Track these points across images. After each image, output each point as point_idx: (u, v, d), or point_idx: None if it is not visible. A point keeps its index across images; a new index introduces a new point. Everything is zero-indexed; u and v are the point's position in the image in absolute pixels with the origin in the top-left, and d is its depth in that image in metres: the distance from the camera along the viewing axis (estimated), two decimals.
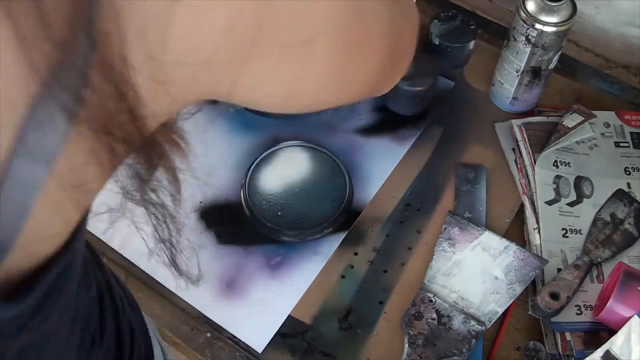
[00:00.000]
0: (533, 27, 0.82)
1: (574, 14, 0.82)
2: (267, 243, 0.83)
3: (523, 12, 0.82)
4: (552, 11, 0.81)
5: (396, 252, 0.83)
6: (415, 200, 0.87)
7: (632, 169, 0.89)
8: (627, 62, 1.03)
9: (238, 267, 0.81)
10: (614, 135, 0.92)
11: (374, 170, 0.90)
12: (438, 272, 0.79)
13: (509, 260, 0.79)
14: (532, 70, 0.87)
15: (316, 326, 0.77)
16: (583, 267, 0.78)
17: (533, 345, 0.75)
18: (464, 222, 0.83)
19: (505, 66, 0.89)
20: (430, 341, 0.74)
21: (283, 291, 0.79)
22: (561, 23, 0.81)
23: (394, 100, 0.94)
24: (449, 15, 0.98)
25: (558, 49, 0.85)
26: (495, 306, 0.77)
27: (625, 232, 0.83)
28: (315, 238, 0.83)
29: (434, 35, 0.96)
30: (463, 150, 0.92)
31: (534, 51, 0.84)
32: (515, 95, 0.91)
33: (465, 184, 0.88)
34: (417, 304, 0.77)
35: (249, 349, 0.76)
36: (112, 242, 0.83)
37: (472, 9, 1.10)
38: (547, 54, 0.85)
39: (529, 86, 0.89)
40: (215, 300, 0.79)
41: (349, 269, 0.81)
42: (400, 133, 0.93)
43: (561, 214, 0.84)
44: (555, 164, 0.87)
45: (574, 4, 0.82)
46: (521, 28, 0.83)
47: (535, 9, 0.82)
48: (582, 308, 0.77)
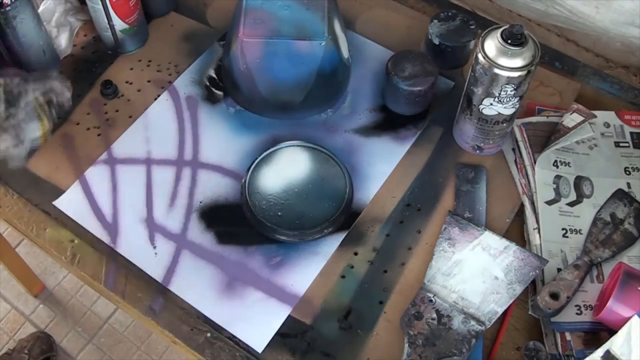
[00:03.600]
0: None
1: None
2: (267, 243, 0.83)
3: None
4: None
5: (396, 252, 0.83)
6: (415, 200, 0.87)
7: (632, 169, 0.89)
8: (627, 62, 1.03)
9: (238, 267, 0.81)
10: (614, 135, 0.92)
11: (374, 170, 0.90)
12: (438, 272, 0.79)
13: (509, 260, 0.79)
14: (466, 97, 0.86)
15: (316, 326, 0.77)
16: (583, 267, 0.78)
17: (533, 345, 0.75)
18: (464, 222, 0.83)
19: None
20: (430, 341, 0.74)
21: (283, 291, 0.79)
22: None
23: (394, 100, 0.94)
24: (449, 15, 0.98)
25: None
26: (495, 306, 0.77)
27: (625, 232, 0.83)
28: (315, 238, 0.83)
29: (434, 35, 0.96)
30: (463, 150, 0.92)
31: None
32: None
33: (465, 184, 0.88)
34: (417, 304, 0.77)
35: (249, 349, 0.76)
36: (112, 242, 0.83)
37: (472, 9, 1.10)
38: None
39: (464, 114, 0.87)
40: (215, 300, 0.79)
41: (349, 269, 0.81)
42: (400, 133, 0.93)
43: (561, 214, 0.84)
44: (555, 164, 0.87)
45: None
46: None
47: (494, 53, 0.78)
48: (582, 308, 0.77)
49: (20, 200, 0.88)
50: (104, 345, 1.67)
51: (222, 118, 0.95)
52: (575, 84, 0.99)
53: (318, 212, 0.84)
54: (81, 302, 1.74)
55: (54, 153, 0.91)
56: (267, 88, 0.91)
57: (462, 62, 1.00)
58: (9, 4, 0.85)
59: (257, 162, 0.87)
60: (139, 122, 0.94)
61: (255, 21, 0.89)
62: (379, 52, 1.01)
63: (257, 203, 0.84)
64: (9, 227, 0.93)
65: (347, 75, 0.97)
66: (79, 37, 1.04)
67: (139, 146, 0.92)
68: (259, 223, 0.83)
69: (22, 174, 0.89)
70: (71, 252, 0.83)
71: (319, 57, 0.89)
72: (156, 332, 0.80)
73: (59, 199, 0.87)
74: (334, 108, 0.96)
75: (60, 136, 0.93)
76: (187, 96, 0.97)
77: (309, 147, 0.89)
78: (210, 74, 0.99)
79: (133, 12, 0.97)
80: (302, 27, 0.89)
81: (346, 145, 0.92)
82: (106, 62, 1.01)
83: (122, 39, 1.00)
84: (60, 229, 0.85)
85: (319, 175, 0.87)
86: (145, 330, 1.68)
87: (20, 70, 0.88)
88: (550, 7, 1.03)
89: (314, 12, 0.90)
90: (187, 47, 1.03)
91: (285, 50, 0.88)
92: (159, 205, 0.86)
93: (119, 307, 0.88)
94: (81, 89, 0.98)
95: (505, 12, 1.10)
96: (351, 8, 1.07)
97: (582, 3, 1.00)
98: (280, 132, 0.93)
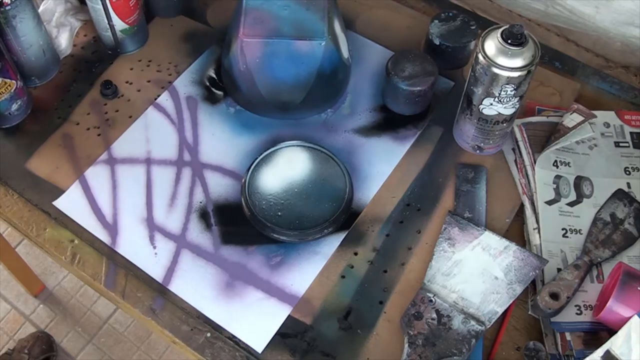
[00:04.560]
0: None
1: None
2: (267, 243, 0.83)
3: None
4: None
5: (396, 252, 0.83)
6: (415, 200, 0.87)
7: (632, 169, 0.89)
8: (627, 62, 1.03)
9: (238, 267, 0.81)
10: (614, 135, 0.92)
11: (374, 170, 0.90)
12: (438, 272, 0.79)
13: (509, 260, 0.79)
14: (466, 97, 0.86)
15: (316, 326, 0.77)
16: (583, 267, 0.78)
17: (533, 345, 0.75)
18: (464, 222, 0.83)
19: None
20: (430, 341, 0.74)
21: (283, 291, 0.79)
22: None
23: (394, 100, 0.94)
24: (450, 15, 0.98)
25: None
26: (495, 306, 0.77)
27: (625, 232, 0.83)
28: (315, 238, 0.83)
29: (434, 35, 0.96)
30: (463, 150, 0.92)
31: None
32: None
33: (465, 184, 0.88)
34: (417, 304, 0.77)
35: (249, 349, 0.76)
36: (112, 242, 0.83)
37: (472, 9, 1.10)
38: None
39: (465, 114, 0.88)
40: (215, 300, 0.79)
41: (349, 269, 0.81)
42: (400, 133, 0.93)
43: (561, 214, 0.84)
44: (555, 164, 0.87)
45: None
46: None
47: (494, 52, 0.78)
48: (582, 308, 0.77)
49: (20, 200, 0.88)
50: (104, 345, 1.67)
51: (222, 118, 0.95)
52: (575, 84, 0.99)
53: (318, 212, 0.84)
54: (81, 302, 1.74)
55: (54, 153, 0.91)
56: (267, 88, 0.91)
57: (462, 62, 1.00)
58: (9, 3, 0.85)
59: (257, 162, 0.87)
60: (139, 122, 0.94)
61: (255, 21, 0.89)
62: (379, 52, 1.01)
63: (257, 203, 0.84)
64: (9, 227, 0.93)
65: (347, 75, 0.97)
66: (79, 37, 1.04)
67: (139, 146, 0.92)
68: (259, 223, 0.83)
69: (22, 174, 0.89)
70: (71, 252, 0.83)
71: (319, 57, 0.89)
72: (156, 332, 0.80)
73: (59, 199, 0.87)
74: (334, 108, 0.96)
75: (60, 136, 0.93)
76: (187, 96, 0.97)
77: (309, 147, 0.89)
78: (210, 74, 0.99)
79: (133, 12, 0.97)
80: (302, 27, 0.89)
81: (346, 145, 0.92)
82: (106, 62, 1.01)
83: (122, 39, 1.00)
84: (60, 229, 0.85)
85: (319, 175, 0.87)
86: (145, 330, 1.68)
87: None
88: (550, 7, 1.03)
89: (313, 12, 0.90)
90: (187, 47, 1.03)
91: (285, 50, 0.88)
92: (159, 205, 0.86)
93: (119, 307, 0.88)
94: (81, 89, 0.98)
95: (505, 12, 1.09)
96: (351, 8, 1.07)
97: (582, 3, 0.99)
98: (280, 132, 0.93)
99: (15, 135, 0.94)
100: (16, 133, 0.94)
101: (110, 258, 0.82)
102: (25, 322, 1.71)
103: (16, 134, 0.94)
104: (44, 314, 1.72)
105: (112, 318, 1.71)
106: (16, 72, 0.90)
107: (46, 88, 0.98)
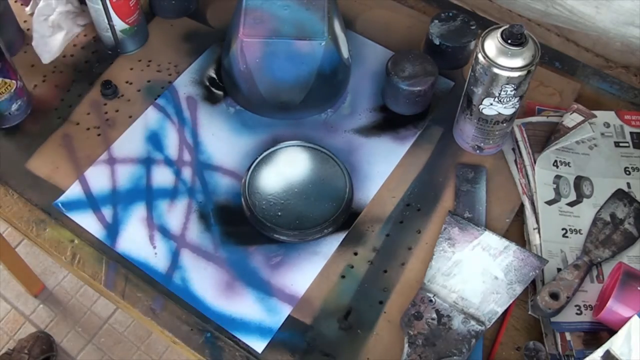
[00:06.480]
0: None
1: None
2: (267, 243, 0.83)
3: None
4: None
5: (396, 252, 0.83)
6: (415, 200, 0.87)
7: (632, 169, 0.89)
8: (627, 62, 1.03)
9: (238, 267, 0.81)
10: (614, 135, 0.92)
11: (374, 170, 0.90)
12: (438, 272, 0.79)
13: (509, 260, 0.79)
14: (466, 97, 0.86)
15: (316, 326, 0.77)
16: (583, 267, 0.78)
17: (533, 345, 0.75)
18: (464, 222, 0.83)
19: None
20: (430, 341, 0.74)
21: (283, 291, 0.79)
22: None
23: (394, 100, 0.94)
24: (450, 15, 0.98)
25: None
26: (495, 306, 0.77)
27: (625, 232, 0.83)
28: (315, 238, 0.83)
29: (434, 35, 0.96)
30: (463, 150, 0.92)
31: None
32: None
33: (465, 184, 0.88)
34: (417, 304, 0.77)
35: (249, 349, 0.76)
36: (112, 242, 0.83)
37: (472, 9, 1.10)
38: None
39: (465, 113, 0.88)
40: (215, 300, 0.79)
41: (349, 269, 0.81)
42: (400, 133, 0.93)
43: (561, 214, 0.84)
44: (555, 163, 0.87)
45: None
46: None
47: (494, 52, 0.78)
48: (582, 308, 0.77)
49: (20, 200, 0.88)
50: (104, 345, 1.67)
51: (222, 118, 0.95)
52: (575, 84, 0.99)
53: (318, 212, 0.84)
54: (81, 302, 1.74)
55: (54, 153, 0.91)
56: (267, 88, 0.91)
57: (463, 62, 1.00)
58: None
59: (257, 162, 0.87)
60: (139, 122, 0.94)
61: (255, 21, 0.89)
62: (379, 52, 1.01)
63: (257, 203, 0.84)
64: (9, 227, 0.93)
65: (347, 75, 0.97)
66: (78, 37, 1.04)
67: (139, 146, 0.92)
68: (259, 223, 0.83)
69: (22, 174, 0.89)
70: (71, 252, 0.83)
71: (319, 57, 0.89)
72: (156, 332, 0.80)
73: (59, 199, 0.87)
74: (334, 108, 0.96)
75: (60, 136, 0.93)
76: (187, 96, 0.97)
77: (308, 147, 0.89)
78: (210, 74, 0.99)
79: (133, 12, 0.97)
80: (302, 27, 0.89)
81: (346, 145, 0.92)
82: (106, 62, 1.01)
83: (122, 39, 1.00)
84: (60, 229, 0.85)
85: (319, 175, 0.87)
86: (145, 330, 1.68)
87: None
88: (550, 7, 1.03)
89: (313, 12, 0.90)
90: (187, 47, 1.03)
91: (285, 50, 0.88)
92: (159, 205, 0.86)
93: (119, 307, 0.88)
94: (81, 89, 0.98)
95: (505, 12, 1.10)
96: (351, 8, 1.07)
97: (582, 3, 0.99)
98: (280, 132, 0.93)
99: (15, 135, 0.94)
100: (16, 133, 0.94)
101: (110, 258, 0.82)
102: (25, 322, 1.71)
103: (16, 134, 0.94)
104: (44, 314, 1.72)
105: (112, 318, 1.71)
106: (16, 72, 0.90)
107: (46, 88, 0.99)
